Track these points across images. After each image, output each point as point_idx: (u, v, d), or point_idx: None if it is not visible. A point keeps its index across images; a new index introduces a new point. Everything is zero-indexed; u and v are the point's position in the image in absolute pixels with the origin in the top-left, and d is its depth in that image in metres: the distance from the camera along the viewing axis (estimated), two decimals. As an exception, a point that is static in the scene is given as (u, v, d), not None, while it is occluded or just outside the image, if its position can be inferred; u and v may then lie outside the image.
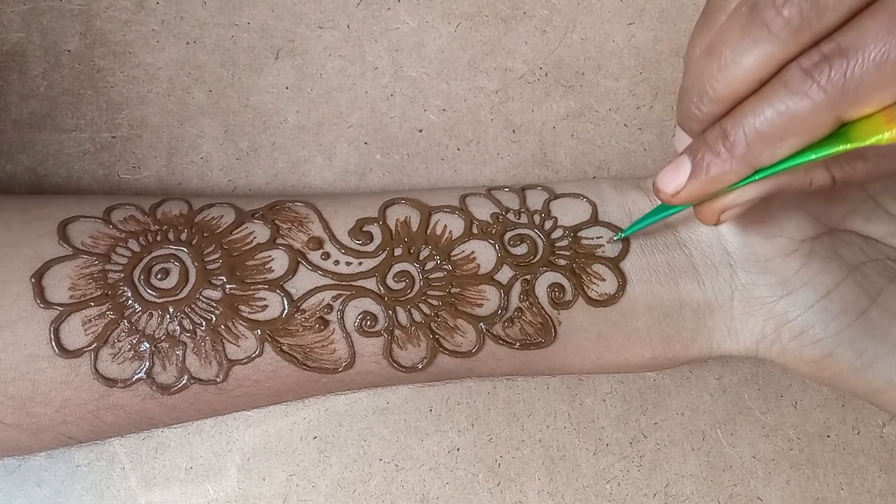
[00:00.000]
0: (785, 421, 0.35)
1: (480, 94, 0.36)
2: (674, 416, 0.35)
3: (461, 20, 0.36)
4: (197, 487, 0.33)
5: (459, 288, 0.28)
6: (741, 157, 0.23)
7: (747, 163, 0.23)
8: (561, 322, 0.28)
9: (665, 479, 0.34)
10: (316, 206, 0.29)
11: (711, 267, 0.28)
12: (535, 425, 0.34)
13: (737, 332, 0.29)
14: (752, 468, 0.34)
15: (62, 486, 0.33)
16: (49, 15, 0.35)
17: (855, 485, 0.34)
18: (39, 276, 0.26)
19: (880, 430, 0.35)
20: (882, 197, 0.30)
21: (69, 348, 0.26)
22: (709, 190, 0.24)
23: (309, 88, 0.36)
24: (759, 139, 0.22)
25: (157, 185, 0.35)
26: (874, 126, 0.21)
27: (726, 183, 0.24)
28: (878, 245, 0.29)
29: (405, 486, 0.34)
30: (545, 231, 0.29)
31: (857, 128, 0.21)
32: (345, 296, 0.27)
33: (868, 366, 0.27)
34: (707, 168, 0.23)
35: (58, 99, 0.34)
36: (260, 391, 0.28)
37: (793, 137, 0.22)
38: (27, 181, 0.34)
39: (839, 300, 0.28)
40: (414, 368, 0.28)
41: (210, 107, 0.35)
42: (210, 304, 0.27)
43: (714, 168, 0.23)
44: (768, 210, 0.28)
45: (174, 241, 0.28)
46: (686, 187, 0.24)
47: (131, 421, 0.27)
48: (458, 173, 0.36)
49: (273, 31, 0.36)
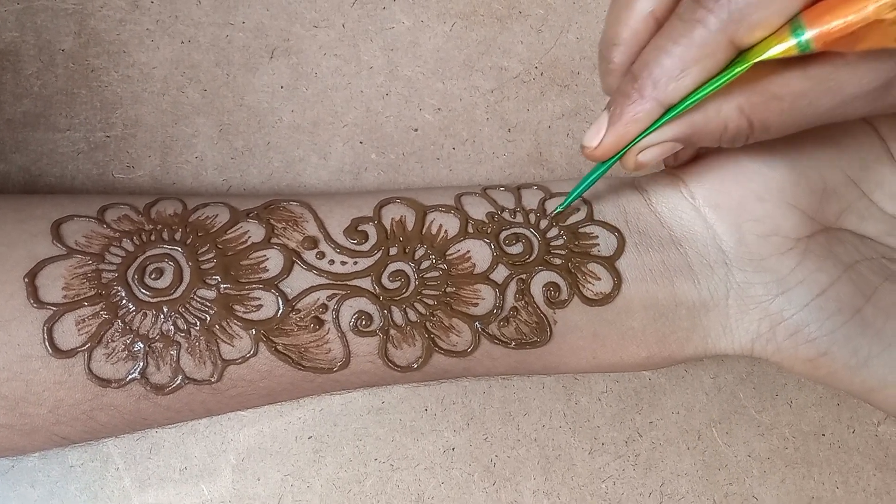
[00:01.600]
0: (780, 420, 0.35)
1: (476, 94, 0.36)
2: (669, 415, 0.35)
3: (456, 19, 0.36)
4: (191, 488, 0.33)
5: (455, 287, 0.28)
6: (649, 95, 0.24)
7: (656, 99, 0.24)
8: (556, 321, 0.28)
9: (660, 478, 0.34)
10: (311, 205, 0.29)
11: (707, 266, 0.28)
12: (530, 425, 0.34)
13: (732, 331, 0.29)
14: (748, 467, 0.34)
15: (56, 487, 0.33)
16: (43, 14, 0.35)
17: (850, 483, 0.34)
18: (33, 276, 0.26)
19: (875, 429, 0.35)
20: (877, 195, 0.30)
21: (63, 348, 0.26)
22: (626, 135, 0.25)
23: (304, 88, 0.36)
24: (663, 74, 0.24)
25: (152, 184, 0.34)
26: (766, 46, 0.23)
27: (640, 124, 0.25)
28: (872, 244, 0.30)
29: (400, 486, 0.34)
30: (540, 230, 0.29)
31: (752, 53, 0.23)
32: (340, 295, 0.27)
33: (863, 364, 0.27)
34: (621, 113, 0.25)
35: (52, 98, 0.34)
36: (255, 391, 0.28)
37: (693, 67, 0.23)
38: (21, 180, 0.34)
39: (834, 299, 0.28)
40: (409, 368, 0.28)
41: (205, 106, 0.35)
42: (204, 303, 0.27)
43: (627, 112, 0.25)
44: (763, 208, 0.28)
45: (168, 240, 0.28)
46: (605, 137, 0.26)
47: (125, 421, 0.27)
48: (454, 173, 0.36)
49: (268, 30, 0.36)
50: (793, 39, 0.22)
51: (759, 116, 0.24)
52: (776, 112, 0.24)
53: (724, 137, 0.25)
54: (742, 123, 0.25)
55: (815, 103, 0.24)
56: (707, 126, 0.25)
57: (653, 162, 0.26)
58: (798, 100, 0.24)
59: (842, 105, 0.24)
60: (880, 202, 0.30)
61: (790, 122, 0.25)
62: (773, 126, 0.25)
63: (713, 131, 0.25)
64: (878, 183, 0.29)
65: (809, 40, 0.22)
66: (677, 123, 0.25)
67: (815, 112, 0.24)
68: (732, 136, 0.25)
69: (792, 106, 0.24)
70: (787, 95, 0.24)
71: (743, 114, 0.24)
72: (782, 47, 0.22)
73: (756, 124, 0.25)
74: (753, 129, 0.25)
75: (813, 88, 0.24)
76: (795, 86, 0.24)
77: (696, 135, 0.25)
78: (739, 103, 0.24)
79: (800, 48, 0.22)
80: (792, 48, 0.22)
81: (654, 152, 0.26)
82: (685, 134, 0.25)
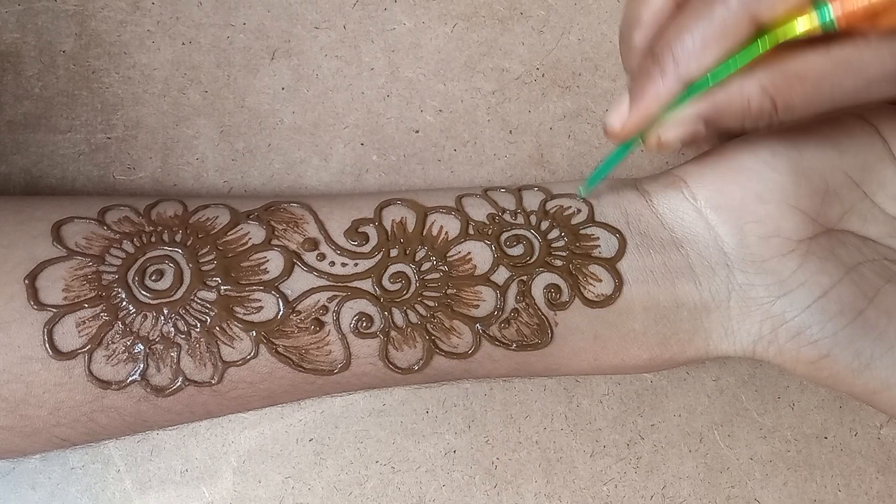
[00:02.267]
0: (782, 422, 0.35)
1: (477, 95, 0.36)
2: (671, 418, 0.35)
3: (458, 21, 0.36)
4: (192, 490, 0.33)
5: (455, 289, 0.28)
6: (671, 73, 0.24)
7: (678, 76, 0.24)
8: (557, 323, 0.28)
9: (662, 481, 0.34)
10: (311, 206, 0.29)
11: (708, 267, 0.28)
12: (531, 427, 0.34)
13: (734, 333, 0.29)
14: (750, 470, 0.34)
15: (57, 489, 0.33)
16: (44, 15, 0.35)
17: (852, 486, 0.34)
18: (33, 278, 0.26)
19: (878, 432, 0.35)
20: (879, 197, 0.29)
21: (63, 350, 0.26)
22: (649, 113, 0.25)
23: (305, 89, 0.36)
24: (684, 51, 0.24)
25: (153, 186, 0.34)
26: (788, 23, 0.23)
27: (662, 102, 0.25)
28: (875, 245, 0.29)
29: (401, 489, 0.34)
30: (541, 232, 0.29)
31: (774, 30, 0.23)
32: (340, 297, 0.27)
33: (865, 366, 0.27)
34: (643, 92, 0.25)
35: (53, 100, 0.34)
36: (255, 393, 0.28)
37: (714, 44, 0.23)
38: (21, 182, 0.34)
39: (836, 301, 0.27)
40: (410, 370, 0.28)
41: (206, 108, 0.35)
42: (205, 305, 0.27)
43: (649, 90, 0.25)
44: (764, 210, 0.28)
45: (169, 242, 0.28)
46: (629, 117, 0.26)
47: (126, 423, 0.27)
48: (455, 174, 0.36)
49: (269, 31, 0.36)
50: (816, 17, 0.22)
51: (782, 96, 0.24)
52: (799, 92, 0.24)
53: (747, 117, 0.25)
54: (765, 103, 0.25)
55: (839, 85, 0.24)
56: (730, 105, 0.25)
57: (675, 142, 0.26)
58: (821, 81, 0.24)
59: (865, 87, 0.24)
60: (882, 204, 0.30)
61: (814, 102, 0.25)
62: (796, 106, 0.25)
63: (736, 110, 0.25)
64: (880, 184, 0.29)
65: (833, 19, 0.22)
66: (700, 102, 0.25)
67: (839, 93, 0.24)
68: (756, 116, 0.25)
69: (815, 86, 0.24)
70: (810, 76, 0.24)
71: (766, 93, 0.24)
72: (806, 26, 0.23)
73: (779, 104, 0.25)
74: (777, 109, 0.25)
75: (836, 69, 0.24)
76: (818, 66, 0.24)
77: (719, 114, 0.25)
78: (762, 82, 0.24)
79: (823, 27, 0.22)
80: (816, 27, 0.22)
81: (677, 132, 0.26)
82: (708, 112, 0.25)
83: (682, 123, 0.25)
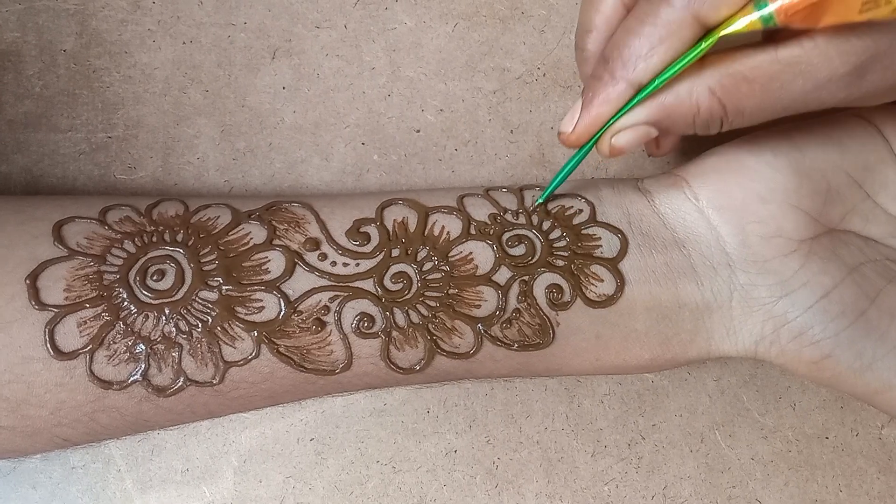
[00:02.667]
0: (783, 422, 0.35)
1: (478, 95, 0.36)
2: (672, 418, 0.35)
3: (459, 20, 0.36)
4: (193, 490, 0.33)
5: (457, 289, 0.28)
6: (620, 76, 0.25)
7: (626, 79, 0.25)
8: (559, 323, 0.28)
9: (663, 481, 0.34)
10: (313, 206, 0.29)
11: (710, 268, 0.28)
12: (533, 427, 0.34)
13: (736, 333, 0.29)
14: (751, 470, 0.34)
15: (57, 489, 0.32)
16: (45, 14, 0.35)
17: (853, 486, 0.34)
18: (34, 278, 0.26)
19: (879, 432, 0.35)
20: (881, 197, 0.29)
21: (64, 350, 0.25)
22: (599, 118, 0.26)
23: (306, 88, 0.35)
24: (632, 54, 0.24)
25: (154, 185, 0.34)
26: (731, 22, 0.23)
27: (612, 105, 0.25)
28: (877, 246, 0.29)
29: (402, 489, 0.33)
30: (543, 232, 0.29)
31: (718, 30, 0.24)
32: (342, 297, 0.27)
33: (867, 367, 0.27)
34: (593, 96, 0.26)
35: (53, 99, 0.34)
36: (256, 393, 0.28)
37: (660, 46, 0.24)
38: (22, 182, 0.34)
39: (838, 301, 0.27)
40: (411, 370, 0.28)
41: (206, 107, 0.35)
42: (206, 305, 0.27)
43: (599, 94, 0.25)
44: (766, 210, 0.28)
45: (170, 241, 0.28)
46: (580, 121, 0.26)
47: (127, 423, 0.27)
48: (456, 174, 0.36)
49: (270, 31, 0.35)
50: (756, 13, 0.23)
51: (731, 99, 0.25)
52: (747, 95, 0.24)
53: (697, 121, 0.25)
54: (714, 106, 0.25)
55: (787, 87, 0.24)
56: (679, 108, 0.25)
57: (628, 147, 0.26)
58: (769, 83, 0.24)
59: (815, 90, 0.24)
60: (884, 204, 0.29)
61: (764, 106, 0.25)
62: (746, 110, 0.25)
63: (685, 114, 0.25)
64: (882, 185, 0.29)
65: (772, 13, 0.23)
66: (649, 106, 0.25)
67: (789, 96, 0.24)
68: (706, 120, 0.25)
69: (763, 89, 0.24)
70: (757, 78, 0.24)
71: (714, 95, 0.25)
72: (745, 21, 0.23)
73: (729, 107, 0.25)
74: (727, 112, 0.25)
75: (784, 71, 0.24)
76: (766, 68, 0.24)
77: (668, 117, 0.25)
78: (710, 85, 0.25)
79: (763, 22, 0.23)
80: (755, 22, 0.23)
81: (628, 136, 0.26)
82: (657, 116, 0.25)
83: (634, 128, 0.26)
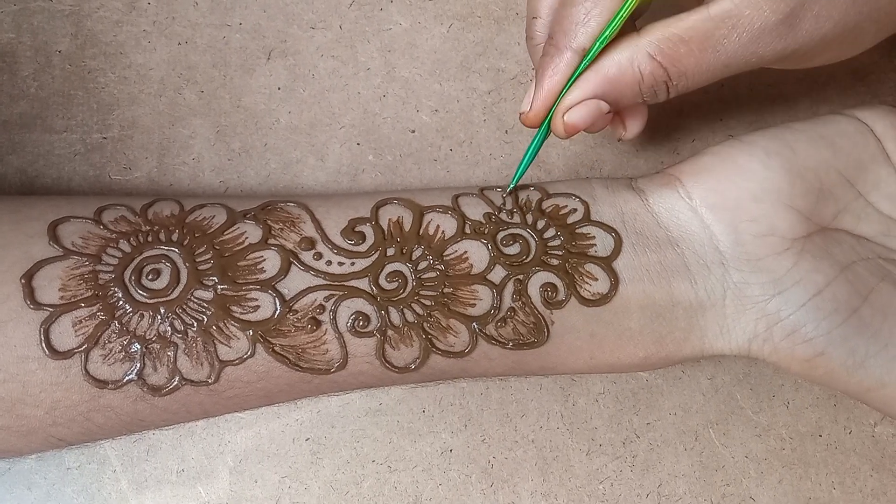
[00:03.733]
0: (777, 420, 0.35)
1: (473, 95, 0.36)
2: (666, 417, 0.35)
3: (454, 21, 0.36)
4: (188, 490, 0.33)
5: (452, 288, 0.28)
6: (564, 45, 0.26)
7: (569, 47, 0.26)
8: (553, 322, 0.28)
9: (658, 480, 0.34)
10: (308, 206, 0.29)
11: (703, 266, 0.29)
12: (528, 426, 0.34)
13: (729, 331, 0.29)
14: (745, 468, 0.34)
15: (53, 489, 0.32)
16: (40, 15, 0.35)
17: (847, 484, 0.35)
18: (29, 277, 0.26)
19: (872, 430, 0.35)
20: (873, 196, 0.30)
21: (59, 349, 0.25)
22: (552, 90, 0.27)
23: (301, 89, 0.36)
24: (572, 22, 0.26)
25: (149, 186, 0.34)
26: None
27: (562, 76, 0.27)
28: (869, 244, 0.30)
29: (398, 488, 0.34)
30: (538, 231, 0.29)
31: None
32: (337, 296, 0.27)
33: (860, 364, 0.28)
34: (544, 71, 0.27)
35: (48, 100, 0.34)
36: (252, 392, 0.28)
37: (595, 9, 0.26)
38: (17, 182, 0.34)
39: (831, 299, 0.28)
40: (407, 369, 0.28)
41: (202, 107, 0.35)
42: (201, 304, 0.27)
43: (547, 67, 0.27)
44: (759, 209, 0.28)
45: (165, 241, 0.28)
46: (535, 97, 0.28)
47: (122, 423, 0.27)
48: (451, 174, 0.36)
49: (265, 31, 0.36)
50: None
51: (671, 61, 0.26)
52: (686, 55, 0.26)
53: (643, 88, 0.27)
54: (656, 70, 0.26)
55: (723, 43, 0.25)
56: (623, 77, 0.26)
57: (581, 122, 0.27)
58: (705, 41, 0.25)
59: (751, 43, 0.25)
60: (876, 203, 0.30)
61: (704, 65, 0.26)
62: (688, 70, 0.26)
63: (630, 82, 0.26)
64: (874, 183, 0.30)
65: None
66: (594, 79, 0.26)
67: (726, 52, 0.26)
68: (651, 86, 0.27)
69: (701, 47, 0.25)
70: (693, 37, 0.25)
71: (654, 60, 0.26)
72: None
73: (670, 70, 0.26)
74: (670, 76, 0.26)
75: (718, 27, 0.25)
76: (700, 27, 0.25)
77: (615, 88, 0.27)
78: (649, 51, 0.26)
79: None
80: None
81: (580, 112, 0.27)
82: (603, 88, 0.27)
83: (584, 103, 0.27)
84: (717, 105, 0.37)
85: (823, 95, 0.37)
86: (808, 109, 0.37)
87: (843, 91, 0.37)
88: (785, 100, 0.37)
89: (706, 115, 0.37)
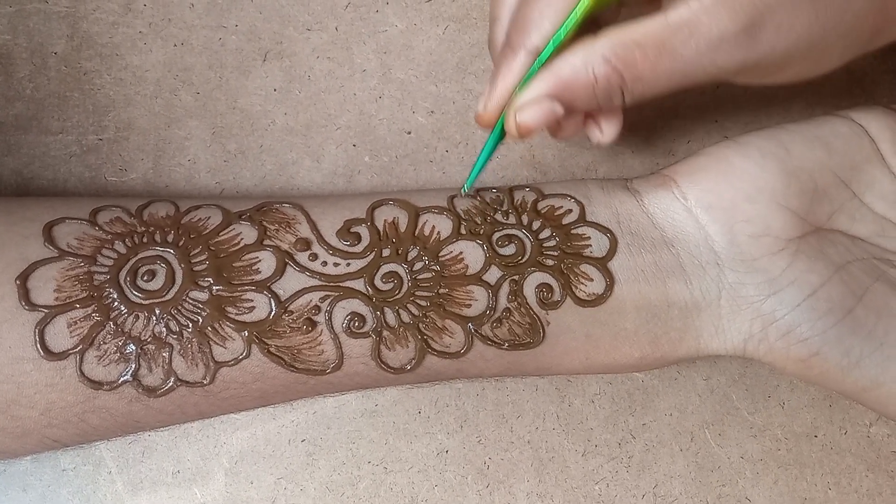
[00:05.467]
0: (773, 421, 0.35)
1: (469, 97, 0.36)
2: (662, 417, 0.35)
3: (449, 22, 0.37)
4: (184, 491, 0.33)
5: (448, 288, 0.28)
6: (519, 45, 0.26)
7: (524, 47, 0.26)
8: (549, 322, 0.28)
9: (654, 480, 0.34)
10: (303, 207, 0.29)
11: (699, 266, 0.29)
12: (523, 427, 0.34)
13: (724, 332, 0.29)
14: (741, 468, 0.34)
15: (48, 491, 0.32)
16: (35, 17, 0.35)
17: (842, 485, 0.35)
18: (24, 278, 0.26)
19: (867, 430, 0.35)
20: (868, 196, 0.30)
21: (54, 350, 0.25)
22: (505, 90, 0.27)
23: (297, 90, 0.36)
24: (526, 22, 0.26)
25: (144, 187, 0.34)
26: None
27: (516, 75, 0.27)
28: (863, 244, 0.30)
29: (394, 489, 0.34)
30: (533, 231, 0.29)
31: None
32: (332, 297, 0.27)
33: (855, 364, 0.28)
34: (498, 71, 0.27)
35: (44, 101, 0.34)
36: (247, 393, 0.28)
37: (549, 9, 0.25)
38: (13, 183, 0.34)
39: (825, 299, 0.28)
40: (402, 369, 0.28)
41: (197, 109, 0.35)
42: (197, 305, 0.27)
43: (502, 67, 0.27)
44: (754, 209, 0.28)
45: (160, 242, 0.28)
46: (489, 97, 0.27)
47: (117, 424, 0.27)
48: (447, 175, 0.36)
49: (261, 33, 0.36)
50: None
51: (626, 66, 0.25)
52: (641, 60, 0.25)
53: (597, 91, 0.26)
54: (610, 74, 0.25)
55: (680, 50, 0.25)
56: (577, 79, 0.26)
57: (534, 123, 0.26)
58: (662, 47, 0.25)
59: (709, 52, 0.25)
60: (871, 203, 0.30)
61: (660, 72, 0.25)
62: (644, 76, 0.25)
63: (584, 84, 0.26)
64: (868, 184, 0.30)
65: None
66: (547, 79, 0.26)
67: (683, 60, 0.25)
68: (605, 89, 0.26)
69: (657, 53, 0.25)
70: (649, 43, 0.25)
71: (609, 64, 0.25)
72: None
73: (626, 75, 0.25)
74: (625, 80, 0.26)
75: (675, 34, 0.24)
76: (657, 33, 0.25)
77: (568, 89, 0.26)
78: (604, 54, 0.25)
79: None
80: None
81: (533, 112, 0.26)
82: (556, 89, 0.26)
83: (538, 104, 0.26)
84: (712, 106, 0.37)
85: (819, 97, 0.37)
86: (803, 111, 0.37)
87: (839, 93, 0.37)
88: (780, 101, 0.37)
89: (702, 117, 0.37)
